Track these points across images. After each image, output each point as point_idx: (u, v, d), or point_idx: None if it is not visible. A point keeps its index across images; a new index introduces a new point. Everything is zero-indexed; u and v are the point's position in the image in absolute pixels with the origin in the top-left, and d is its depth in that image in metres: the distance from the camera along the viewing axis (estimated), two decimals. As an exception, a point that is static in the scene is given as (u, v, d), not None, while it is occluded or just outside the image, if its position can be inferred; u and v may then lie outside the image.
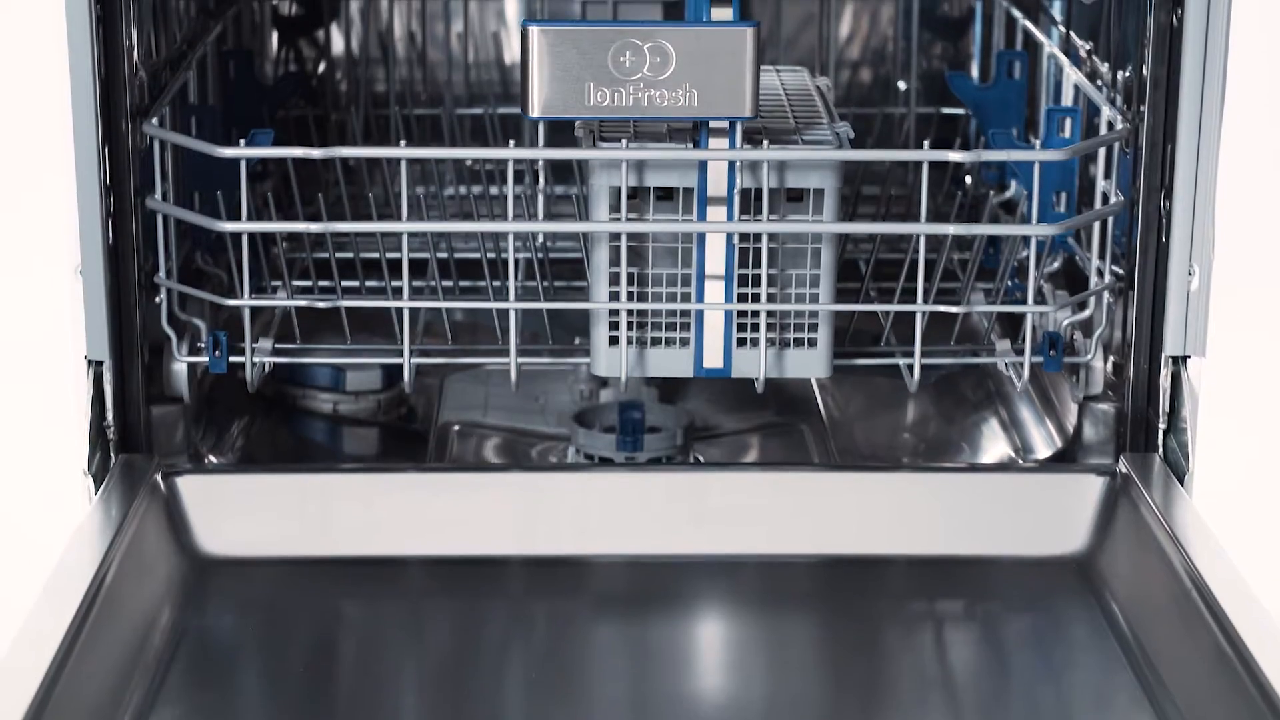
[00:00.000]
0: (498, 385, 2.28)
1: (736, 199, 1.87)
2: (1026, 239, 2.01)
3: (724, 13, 1.87)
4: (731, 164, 1.86)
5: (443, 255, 2.11)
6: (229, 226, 1.87)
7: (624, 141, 1.85)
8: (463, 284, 2.14)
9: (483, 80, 2.66)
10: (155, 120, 1.91)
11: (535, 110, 1.81)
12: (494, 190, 2.42)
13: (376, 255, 1.98)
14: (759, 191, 1.86)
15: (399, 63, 2.63)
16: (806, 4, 2.64)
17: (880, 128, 2.63)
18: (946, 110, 2.59)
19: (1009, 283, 2.12)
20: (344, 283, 2.06)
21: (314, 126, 2.58)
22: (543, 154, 1.86)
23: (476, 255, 2.07)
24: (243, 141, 1.87)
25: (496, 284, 2.07)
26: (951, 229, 1.87)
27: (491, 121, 2.57)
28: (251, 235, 1.89)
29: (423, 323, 2.15)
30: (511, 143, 1.85)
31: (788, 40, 2.66)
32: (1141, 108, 1.90)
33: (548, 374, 2.28)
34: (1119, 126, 1.94)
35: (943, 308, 1.90)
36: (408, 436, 2.21)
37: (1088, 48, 2.17)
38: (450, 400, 2.26)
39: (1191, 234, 1.87)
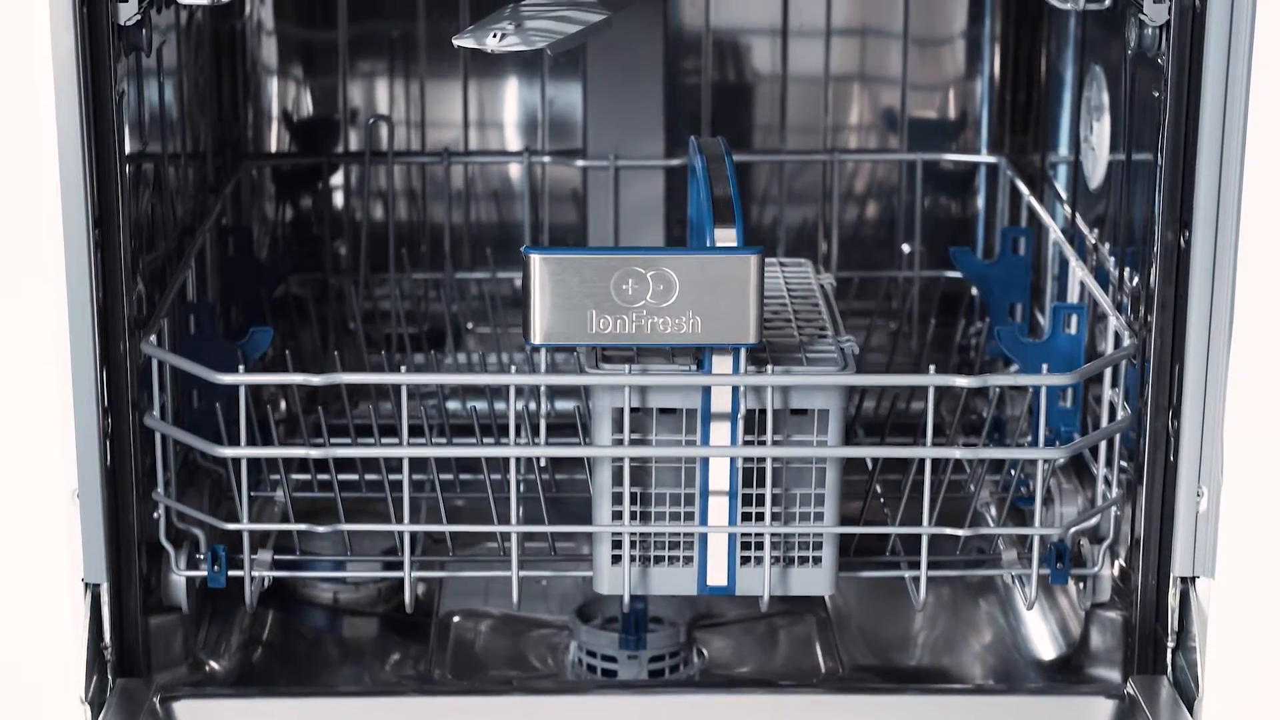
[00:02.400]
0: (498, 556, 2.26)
1: (741, 419, 1.85)
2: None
3: (728, 234, 1.85)
4: (735, 386, 1.84)
5: (440, 443, 2.10)
6: (228, 452, 1.85)
7: (627, 367, 1.83)
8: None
9: (484, 235, 2.65)
10: (154, 337, 1.89)
11: (537, 338, 1.79)
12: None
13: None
14: (763, 411, 1.85)
15: (400, 223, 2.62)
16: (811, 167, 2.63)
17: (884, 290, 2.63)
18: (951, 274, 2.58)
19: (1015, 476, 2.11)
20: (342, 476, 2.05)
21: (313, 301, 2.57)
22: (545, 380, 1.84)
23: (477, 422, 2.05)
24: (241, 367, 1.85)
25: (496, 477, 2.05)
26: (957, 453, 1.86)
27: (491, 300, 2.56)
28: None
29: (425, 510, 2.14)
30: (514, 368, 1.84)
31: (791, 197, 2.64)
32: (1149, 318, 1.89)
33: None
34: (1126, 341, 1.92)
35: (948, 530, 1.89)
36: (408, 628, 2.19)
37: (1094, 240, 2.15)
38: (452, 586, 2.24)
39: (1200, 455, 1.85)
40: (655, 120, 2.55)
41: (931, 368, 1.84)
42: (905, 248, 2.62)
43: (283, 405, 2.43)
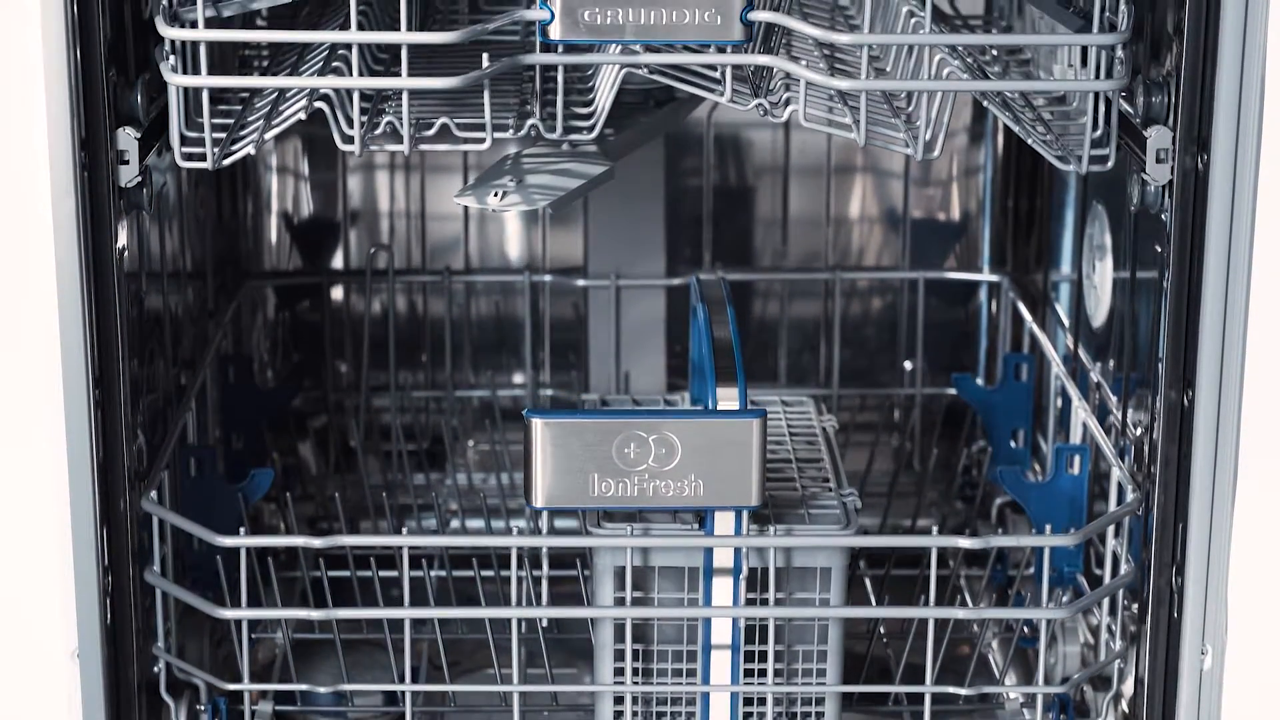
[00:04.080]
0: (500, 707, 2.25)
1: (743, 578, 1.85)
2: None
3: (730, 395, 1.85)
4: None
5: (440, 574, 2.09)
6: (229, 614, 1.85)
7: (629, 528, 1.83)
8: (465, 615, 2.11)
9: (485, 341, 2.65)
10: (154, 492, 1.89)
11: (539, 501, 1.79)
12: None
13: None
14: (765, 569, 1.84)
15: (400, 325, 2.62)
16: (812, 287, 2.63)
17: (887, 402, 2.63)
18: (953, 391, 2.57)
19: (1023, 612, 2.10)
20: (341, 614, 2.04)
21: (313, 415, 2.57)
22: (546, 542, 1.84)
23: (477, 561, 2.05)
24: (243, 530, 1.85)
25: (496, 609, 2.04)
26: (959, 613, 1.86)
27: (490, 415, 2.56)
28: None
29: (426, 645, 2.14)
30: (515, 529, 1.83)
31: (791, 323, 2.64)
32: (1152, 469, 1.88)
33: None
34: (1129, 495, 1.92)
35: (950, 689, 1.88)
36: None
37: (1096, 377, 2.15)
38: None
39: (1205, 613, 1.84)
40: (656, 239, 2.54)
41: (934, 528, 1.84)
42: (907, 365, 2.61)
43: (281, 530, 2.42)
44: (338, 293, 2.63)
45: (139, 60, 1.87)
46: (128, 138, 1.77)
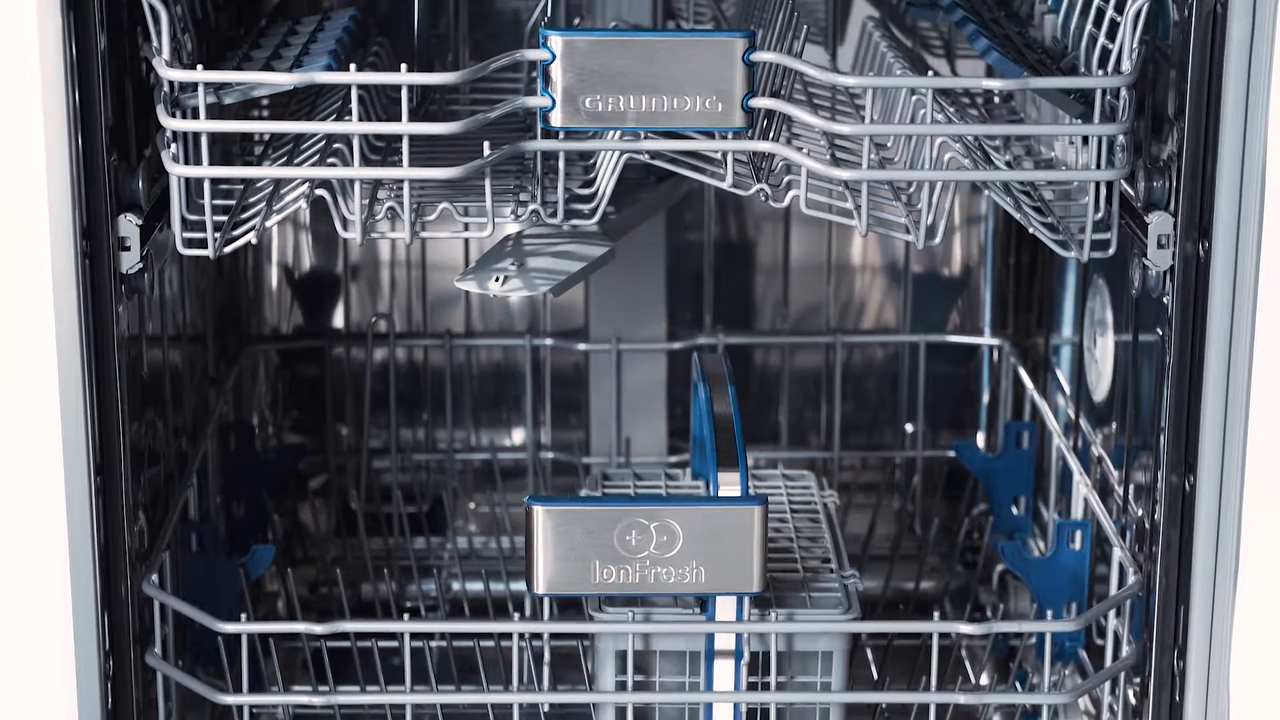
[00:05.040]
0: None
1: (744, 662, 1.85)
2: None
3: (732, 480, 1.85)
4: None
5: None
6: (230, 699, 1.85)
7: (630, 613, 1.83)
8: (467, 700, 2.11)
9: (485, 397, 2.65)
10: (155, 576, 1.88)
11: (540, 588, 1.79)
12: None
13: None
14: (767, 652, 1.84)
15: (401, 379, 2.62)
16: (813, 348, 2.63)
17: (887, 468, 2.63)
18: (954, 454, 2.57)
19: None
20: (343, 700, 2.04)
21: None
22: (548, 627, 1.84)
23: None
24: (244, 616, 1.85)
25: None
26: (961, 698, 1.85)
27: (495, 468, 2.56)
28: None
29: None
30: (516, 616, 1.83)
31: (792, 378, 2.64)
32: (1154, 549, 1.88)
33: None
34: (1131, 578, 1.92)
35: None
36: None
37: (1099, 451, 2.15)
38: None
39: (1206, 697, 1.84)
40: (657, 302, 2.54)
41: (936, 613, 1.84)
42: (909, 427, 2.61)
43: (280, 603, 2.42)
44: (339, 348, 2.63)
45: (140, 137, 1.87)
46: (129, 225, 1.77)
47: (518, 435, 2.66)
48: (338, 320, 2.64)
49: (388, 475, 2.60)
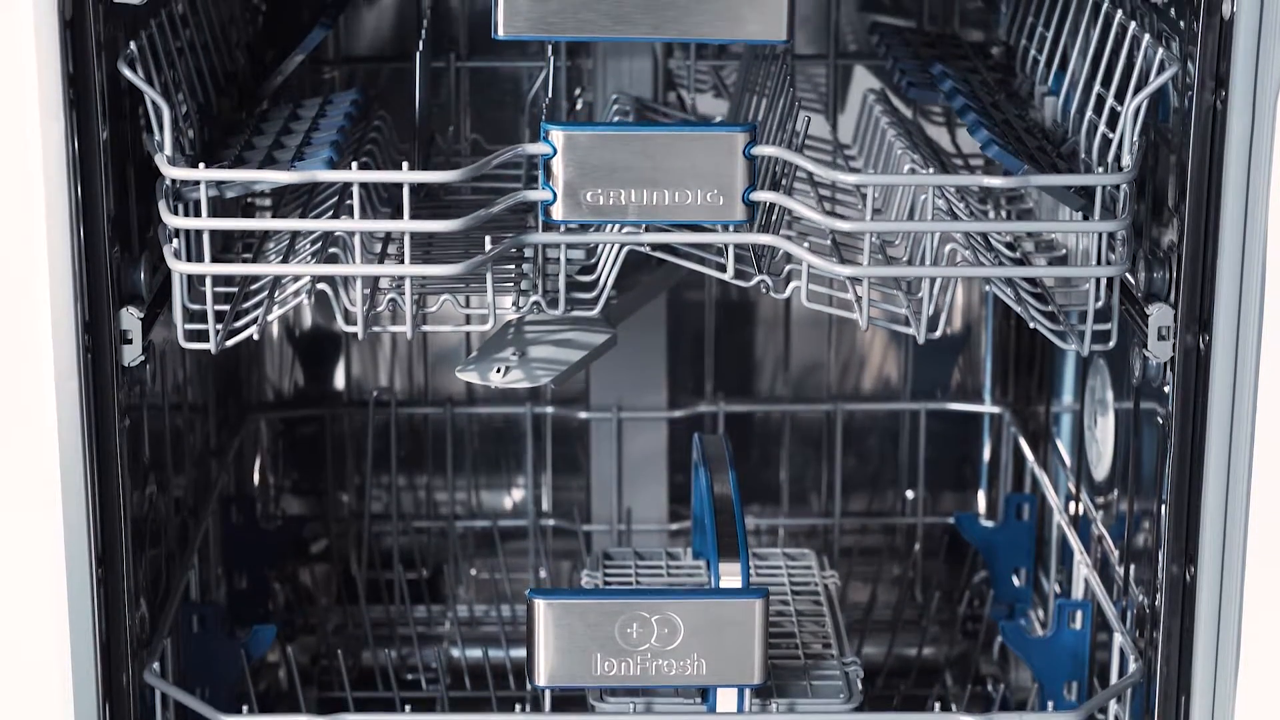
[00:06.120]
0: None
1: (747, 751, 1.85)
2: None
3: (733, 571, 1.85)
4: None
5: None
6: (231, 788, 1.85)
7: (632, 705, 1.83)
8: None
9: (485, 461, 2.65)
10: (156, 664, 1.89)
11: (541, 680, 1.79)
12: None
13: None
14: (768, 740, 1.85)
15: (401, 461, 2.62)
16: (813, 426, 2.63)
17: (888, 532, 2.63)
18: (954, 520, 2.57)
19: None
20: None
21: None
22: None
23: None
24: (245, 708, 1.85)
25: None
26: (962, 752, 1.85)
27: (495, 535, 2.57)
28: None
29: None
30: (517, 707, 1.84)
31: (793, 438, 2.64)
32: (1155, 634, 1.88)
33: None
34: (1132, 665, 1.92)
35: None
36: None
37: (1099, 530, 2.15)
38: None
39: (1208, 787, 1.85)
40: (658, 371, 2.55)
41: (936, 706, 1.84)
42: (909, 494, 2.61)
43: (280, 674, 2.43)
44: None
45: (141, 222, 1.87)
46: (131, 318, 1.77)
47: (518, 495, 2.66)
48: (339, 381, 2.64)
49: (389, 539, 2.60)
